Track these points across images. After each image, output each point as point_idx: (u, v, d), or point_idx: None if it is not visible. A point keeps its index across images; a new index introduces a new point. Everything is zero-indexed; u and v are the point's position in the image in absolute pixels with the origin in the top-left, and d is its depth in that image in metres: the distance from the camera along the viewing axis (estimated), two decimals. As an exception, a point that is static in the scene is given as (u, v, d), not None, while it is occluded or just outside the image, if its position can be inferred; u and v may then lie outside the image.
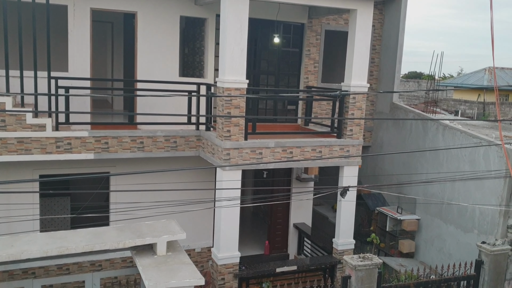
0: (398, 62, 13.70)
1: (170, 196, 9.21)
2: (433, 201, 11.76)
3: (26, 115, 8.80)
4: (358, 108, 10.41)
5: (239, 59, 9.12)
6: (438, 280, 9.20)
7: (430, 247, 12.18)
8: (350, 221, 10.72)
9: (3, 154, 8.72)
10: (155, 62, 10.76)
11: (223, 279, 9.60)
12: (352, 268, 8.18)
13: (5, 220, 7.88)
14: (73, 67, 9.97)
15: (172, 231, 6.75)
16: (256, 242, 12.99)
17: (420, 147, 12.50)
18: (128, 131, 9.84)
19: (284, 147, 9.82)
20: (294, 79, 12.73)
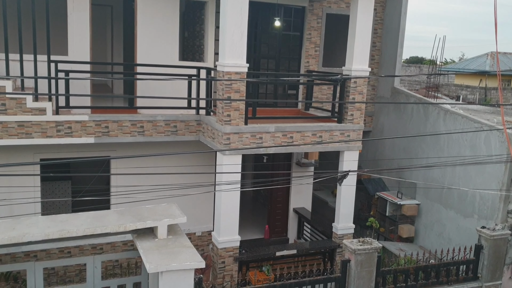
0: (399, 46, 13.60)
1: (170, 180, 9.25)
2: (433, 186, 11.78)
3: (26, 99, 8.77)
4: (359, 93, 10.36)
5: (239, 42, 9.04)
6: (438, 264, 9.25)
7: (429, 232, 12.24)
8: (350, 205, 10.74)
9: (4, 138, 8.72)
10: (155, 46, 10.69)
11: (223, 263, 9.66)
12: (352, 252, 8.22)
13: (7, 203, 7.91)
14: (72, 50, 9.91)
15: (172, 215, 6.76)
16: (256, 227, 13.05)
17: (421, 132, 12.48)
18: (128, 115, 9.83)
19: (284, 132, 9.80)
20: (295, 63, 12.65)
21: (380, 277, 8.59)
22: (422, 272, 9.07)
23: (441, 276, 9.22)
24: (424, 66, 27.38)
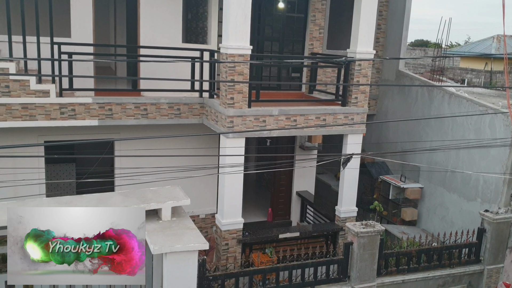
0: (405, 29, 13.46)
1: (174, 162, 9.25)
2: (437, 169, 11.77)
3: (30, 81, 8.76)
4: (364, 76, 10.29)
5: (243, 24, 8.96)
6: (440, 247, 9.31)
7: (432, 215, 12.28)
8: (353, 189, 10.76)
9: (8, 120, 8.74)
10: (158, 28, 10.61)
11: (227, 245, 9.74)
12: (355, 234, 8.27)
13: (12, 184, 7.96)
14: (75, 32, 9.86)
15: (176, 197, 6.80)
16: (259, 210, 13.11)
17: (425, 116, 12.42)
18: (132, 98, 9.81)
19: (288, 115, 9.77)
20: (299, 45, 12.55)
21: (383, 259, 8.67)
22: (425, 255, 9.13)
23: (444, 259, 9.28)
24: (429, 49, 27.10)
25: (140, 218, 5.50)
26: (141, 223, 5.49)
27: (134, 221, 5.46)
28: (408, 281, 8.88)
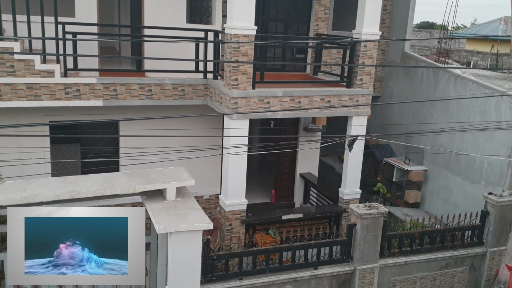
0: (411, 10, 13.30)
1: (178, 143, 9.27)
2: (441, 151, 11.75)
3: (34, 61, 8.74)
4: (369, 57, 10.21)
5: (247, 5, 8.88)
6: (443, 229, 9.34)
7: (436, 198, 12.30)
8: (357, 171, 10.77)
9: (13, 100, 8.76)
10: (162, 8, 10.52)
11: (230, 225, 9.82)
12: (358, 216, 8.30)
13: (17, 163, 8.03)
14: (80, 12, 9.80)
15: (181, 178, 6.82)
16: (263, 191, 13.17)
17: (430, 98, 12.36)
18: (136, 79, 9.79)
19: (292, 97, 9.74)
20: (304, 26, 12.43)
21: (386, 241, 8.71)
22: (428, 236, 9.17)
23: (446, 241, 9.32)
24: (435, 31, 26.84)
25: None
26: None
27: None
28: (411, 263, 8.94)
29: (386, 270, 8.76)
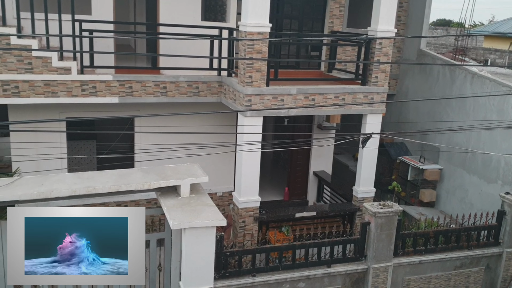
0: (427, 7, 13.17)
1: (192, 140, 9.32)
2: (457, 150, 11.62)
3: (52, 58, 8.86)
4: (384, 54, 10.13)
5: (262, 2, 8.88)
6: (458, 229, 9.23)
7: (451, 197, 12.18)
8: (371, 169, 10.71)
9: (31, 96, 8.89)
10: (177, 6, 10.58)
11: (244, 222, 9.84)
12: (372, 215, 8.25)
13: (35, 158, 8.16)
14: (96, 10, 9.89)
15: (195, 174, 6.87)
16: (276, 189, 13.17)
17: (446, 96, 12.22)
18: (151, 76, 9.86)
19: (306, 94, 9.71)
20: (318, 23, 12.38)
21: (400, 240, 8.65)
22: (442, 236, 9.07)
23: (462, 241, 9.22)
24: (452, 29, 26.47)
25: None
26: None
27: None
28: (425, 262, 8.86)
29: (400, 269, 8.70)
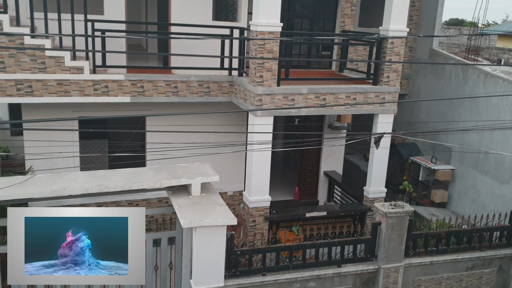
0: (440, 6, 13.07)
1: (203, 139, 9.36)
2: (470, 150, 11.52)
3: (64, 58, 8.96)
4: (396, 54, 10.08)
5: (273, 1, 8.88)
6: (470, 229, 9.15)
7: (463, 198, 12.07)
8: (383, 169, 10.66)
9: (44, 96, 9.00)
10: (189, 6, 10.63)
11: (254, 221, 9.85)
12: (383, 215, 8.22)
13: (48, 156, 8.25)
14: (108, 10, 9.98)
15: (206, 173, 6.91)
16: (286, 188, 13.16)
17: (459, 96, 12.12)
18: (163, 75, 9.92)
19: (317, 94, 9.69)
20: (330, 23, 12.35)
21: (411, 240, 8.60)
22: (454, 237, 9.01)
23: (474, 242, 9.14)
24: (465, 29, 26.22)
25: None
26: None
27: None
28: (436, 263, 8.80)
29: (411, 269, 8.65)
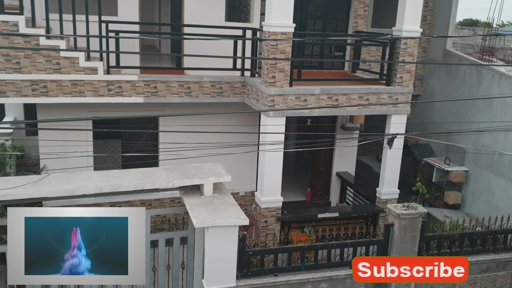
0: (453, 7, 12.95)
1: (215, 140, 9.40)
2: (484, 152, 11.39)
3: (79, 59, 9.06)
4: (410, 55, 10.02)
5: (286, 2, 8.88)
6: (484, 231, 9.05)
7: (477, 200, 11.95)
8: (396, 170, 10.59)
9: (59, 96, 9.11)
10: (202, 6, 10.68)
11: (266, 222, 9.86)
12: (396, 216, 8.17)
13: (62, 156, 8.34)
14: (122, 11, 10.06)
15: (218, 174, 6.93)
16: (298, 189, 13.14)
17: (473, 97, 12.00)
18: (176, 76, 9.98)
19: (330, 94, 9.67)
20: (342, 23, 12.31)
21: (424, 242, 8.53)
22: (468, 239, 8.91)
23: (488, 244, 9.04)
24: (479, 29, 25.93)
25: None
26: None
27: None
28: (450, 265, 8.72)
29: (424, 271, 8.57)
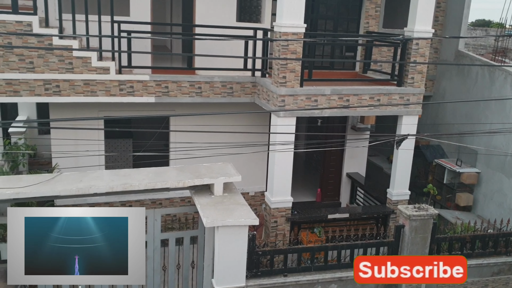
0: (466, 7, 12.84)
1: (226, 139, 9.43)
2: (496, 153, 11.27)
3: (91, 59, 9.14)
4: (421, 55, 9.96)
5: (297, 2, 8.88)
6: (496, 234, 8.97)
7: (489, 202, 11.84)
8: (407, 171, 10.53)
9: (71, 95, 9.21)
10: (213, 7, 10.71)
11: (275, 222, 9.86)
12: (407, 217, 8.13)
13: (74, 155, 8.42)
14: (134, 11, 10.13)
15: (228, 173, 6.96)
16: (308, 190, 13.12)
17: (485, 98, 11.89)
18: (187, 76, 10.02)
19: (341, 95, 9.65)
20: (354, 24, 12.27)
21: (435, 244, 8.47)
22: (479, 241, 8.84)
23: (500, 246, 8.96)
24: (491, 30, 25.68)
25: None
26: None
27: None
28: (461, 267, 8.65)
29: (435, 273, 8.51)
